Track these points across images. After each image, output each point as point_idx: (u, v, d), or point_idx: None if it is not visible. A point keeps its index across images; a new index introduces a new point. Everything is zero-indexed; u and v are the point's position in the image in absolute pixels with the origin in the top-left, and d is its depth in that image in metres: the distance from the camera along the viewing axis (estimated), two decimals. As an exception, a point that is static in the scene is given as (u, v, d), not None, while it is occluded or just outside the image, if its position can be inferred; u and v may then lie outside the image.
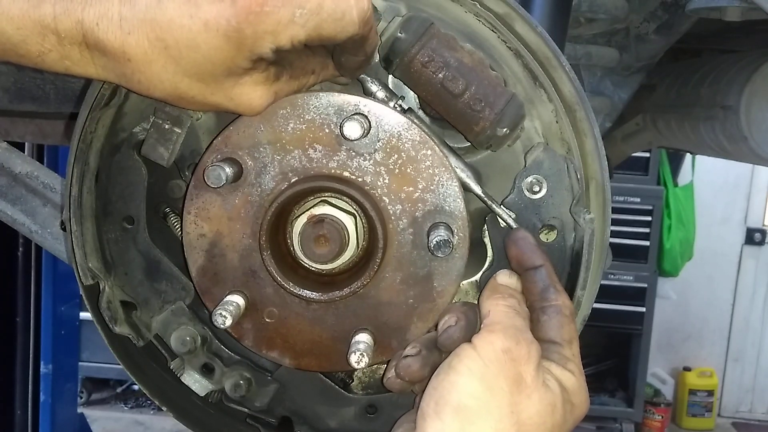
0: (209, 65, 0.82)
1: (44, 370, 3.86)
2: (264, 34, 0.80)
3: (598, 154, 0.99)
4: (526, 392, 0.85)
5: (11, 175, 1.61)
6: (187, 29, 0.79)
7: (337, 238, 0.93)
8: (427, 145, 0.93)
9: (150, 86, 0.84)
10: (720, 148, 2.06)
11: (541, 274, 0.95)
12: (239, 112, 0.91)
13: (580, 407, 0.91)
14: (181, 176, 1.04)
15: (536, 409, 0.85)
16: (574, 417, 0.90)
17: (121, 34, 0.80)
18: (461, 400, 0.83)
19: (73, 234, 1.01)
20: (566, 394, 0.89)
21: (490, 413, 0.83)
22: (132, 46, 0.80)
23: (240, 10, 0.78)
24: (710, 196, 7.05)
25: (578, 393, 0.90)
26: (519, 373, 0.85)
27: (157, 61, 0.81)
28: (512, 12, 0.96)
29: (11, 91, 1.37)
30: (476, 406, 0.83)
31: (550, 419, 0.86)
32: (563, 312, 0.93)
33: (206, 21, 0.79)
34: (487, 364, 0.84)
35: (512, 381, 0.84)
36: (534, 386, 0.85)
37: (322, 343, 0.98)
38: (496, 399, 0.83)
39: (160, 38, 0.80)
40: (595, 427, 6.64)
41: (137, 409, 6.76)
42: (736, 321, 7.38)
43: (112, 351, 1.06)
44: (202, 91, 0.85)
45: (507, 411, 0.83)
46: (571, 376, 0.90)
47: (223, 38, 0.79)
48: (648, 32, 1.89)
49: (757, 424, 7.36)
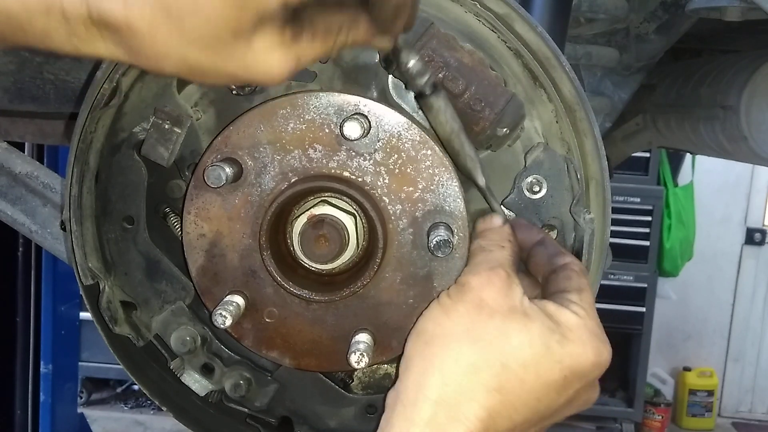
0: (213, 28, 0.77)
1: (44, 370, 3.87)
2: None
3: (598, 154, 0.99)
4: (487, 313, 0.86)
5: (11, 175, 1.61)
6: None
7: (337, 238, 0.93)
8: (427, 145, 0.93)
9: (158, 60, 0.79)
10: (720, 148, 2.06)
11: (543, 246, 0.96)
12: (259, 82, 0.88)
13: (577, 345, 0.86)
14: (181, 176, 1.04)
15: (497, 327, 0.85)
16: (566, 350, 0.85)
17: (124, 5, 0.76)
18: (422, 325, 0.88)
19: (73, 234, 1.01)
20: (551, 323, 0.86)
21: (444, 333, 0.86)
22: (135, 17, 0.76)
23: None
24: (710, 196, 7.05)
25: (576, 330, 0.87)
26: (480, 298, 0.86)
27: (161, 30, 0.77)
28: (512, 12, 0.96)
29: (11, 91, 1.36)
30: (432, 327, 0.87)
31: (518, 338, 0.84)
32: (572, 268, 0.93)
33: None
34: (450, 295, 0.89)
35: (471, 305, 0.86)
36: (498, 308, 0.86)
37: (322, 343, 0.98)
38: (451, 320, 0.86)
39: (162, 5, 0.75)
40: (595, 427, 6.64)
41: (137, 409, 6.75)
42: (736, 321, 7.38)
43: (112, 351, 1.06)
44: (213, 60, 0.80)
45: (461, 329, 0.85)
46: (571, 315, 0.87)
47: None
48: (648, 32, 1.89)
49: (757, 424, 7.36)
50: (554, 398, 0.86)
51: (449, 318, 0.87)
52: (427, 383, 0.83)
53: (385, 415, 0.86)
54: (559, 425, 0.92)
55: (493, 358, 0.83)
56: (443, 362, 0.84)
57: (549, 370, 0.84)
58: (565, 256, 0.94)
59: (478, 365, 0.83)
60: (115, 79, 0.95)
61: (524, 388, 0.83)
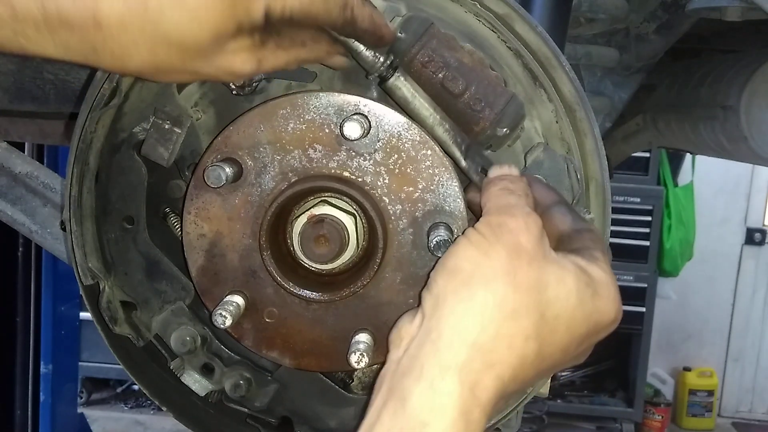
0: (195, 27, 0.76)
1: (44, 370, 3.87)
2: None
3: (598, 154, 0.99)
4: (526, 259, 0.81)
5: (11, 175, 1.62)
6: None
7: (337, 238, 0.93)
8: (427, 145, 0.93)
9: (124, 57, 0.78)
10: (720, 148, 2.06)
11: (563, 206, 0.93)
12: (219, 79, 0.87)
13: (606, 301, 0.84)
14: (181, 176, 1.04)
15: (536, 275, 0.81)
16: (596, 305, 0.84)
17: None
18: (456, 263, 0.82)
19: (73, 234, 1.01)
20: (586, 277, 0.83)
21: (484, 274, 0.80)
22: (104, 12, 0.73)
23: None
24: (710, 196, 7.05)
25: (606, 286, 0.85)
26: (518, 242, 0.81)
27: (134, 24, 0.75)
28: (512, 12, 0.96)
29: (11, 91, 1.36)
30: (470, 267, 0.81)
31: (555, 289, 0.81)
32: (594, 230, 0.91)
33: None
34: (484, 235, 0.82)
35: (510, 248, 0.81)
36: (535, 255, 0.81)
37: (322, 343, 0.98)
38: (491, 261, 0.80)
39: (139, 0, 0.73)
40: (595, 427, 6.64)
41: (137, 409, 6.76)
42: (736, 321, 7.38)
43: (112, 351, 1.06)
44: (181, 59, 0.79)
45: (502, 272, 0.80)
46: (600, 272, 0.85)
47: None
48: (648, 32, 1.89)
49: (757, 424, 7.36)
50: (575, 349, 0.85)
51: (488, 258, 0.80)
52: (466, 325, 0.78)
53: (408, 351, 0.81)
54: (559, 425, 0.91)
55: (534, 307, 0.80)
56: (485, 305, 0.79)
57: (579, 324, 0.83)
58: (584, 221, 0.92)
59: (519, 312, 0.79)
60: (115, 79, 0.95)
61: (554, 339, 0.81)
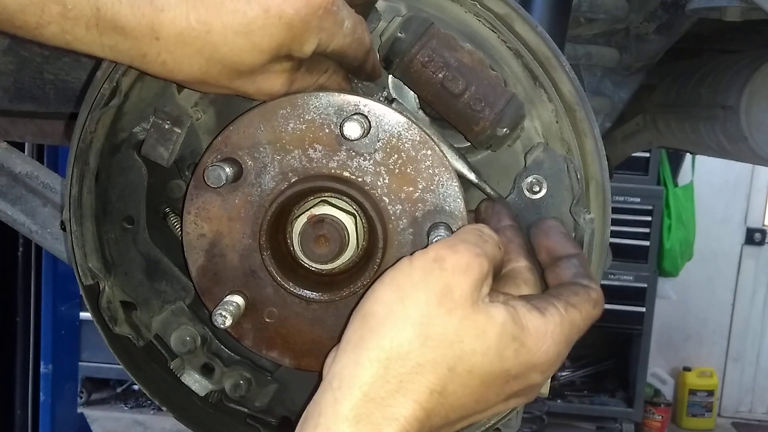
0: (255, 53, 0.79)
1: (44, 370, 3.87)
2: (321, 30, 0.80)
3: (598, 154, 0.99)
4: (448, 306, 0.75)
5: (11, 175, 1.62)
6: (242, 14, 0.76)
7: (337, 238, 0.93)
8: (427, 145, 0.93)
9: (175, 69, 0.80)
10: (720, 148, 2.06)
11: (573, 262, 0.90)
12: (255, 97, 0.90)
13: (533, 354, 0.79)
14: (181, 176, 1.04)
15: (453, 327, 0.75)
16: (519, 360, 0.78)
17: (152, 10, 0.74)
18: (370, 307, 0.78)
19: (73, 234, 1.01)
20: (515, 329, 0.77)
21: (394, 322, 0.75)
22: (165, 26, 0.75)
23: (314, 3, 0.78)
24: (710, 196, 7.05)
25: (539, 338, 0.79)
26: (447, 285, 0.76)
27: (194, 44, 0.77)
28: (512, 12, 0.96)
29: (11, 91, 1.36)
30: (383, 313, 0.76)
31: (472, 342, 0.76)
32: (589, 293, 0.85)
33: (268, 8, 0.76)
34: (410, 272, 0.77)
35: (435, 292, 0.76)
36: (462, 303, 0.76)
37: (322, 343, 0.98)
38: (406, 308, 0.76)
39: (204, 21, 0.75)
40: (595, 427, 6.64)
41: (137, 409, 6.76)
42: (736, 321, 7.38)
43: (112, 351, 1.06)
44: (230, 78, 0.82)
45: (414, 322, 0.75)
46: (540, 322, 0.79)
47: (284, 27, 0.77)
48: (648, 32, 1.89)
49: (757, 424, 7.37)
50: (495, 397, 0.81)
51: (403, 305, 0.76)
52: (365, 375, 0.75)
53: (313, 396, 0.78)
54: (559, 425, 0.90)
55: (441, 361, 0.75)
56: (389, 357, 0.75)
57: (496, 377, 0.78)
58: (590, 282, 0.87)
59: (424, 366, 0.75)
60: (115, 79, 0.94)
61: (465, 392, 0.77)
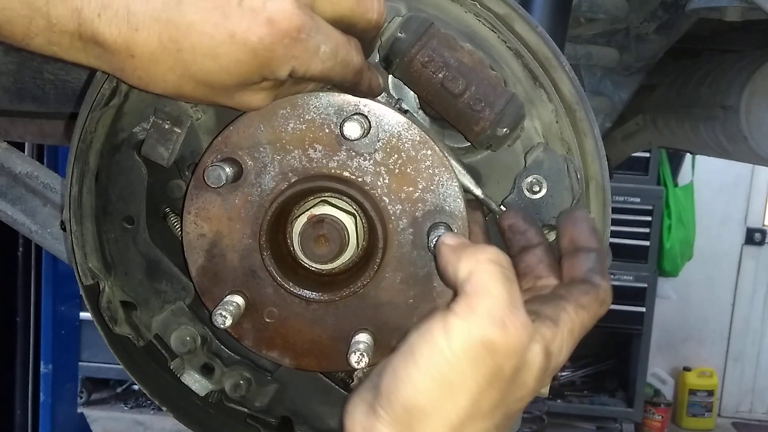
0: (224, 75, 0.80)
1: (44, 370, 3.87)
2: (291, 58, 0.79)
3: (598, 154, 0.99)
4: (499, 385, 0.73)
5: (11, 175, 1.62)
6: (209, 37, 0.76)
7: (337, 238, 0.93)
8: (427, 145, 0.93)
9: (150, 83, 0.82)
10: (720, 148, 2.06)
11: (591, 257, 0.89)
12: (238, 109, 0.91)
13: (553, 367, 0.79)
14: (181, 176, 1.04)
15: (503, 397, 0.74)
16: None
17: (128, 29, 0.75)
18: (413, 398, 0.72)
19: (73, 234, 1.01)
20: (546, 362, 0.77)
21: (443, 416, 0.72)
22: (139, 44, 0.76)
23: (276, 32, 0.77)
24: (710, 196, 7.06)
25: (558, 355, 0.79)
26: (498, 367, 0.72)
27: (166, 62, 0.78)
28: (512, 12, 0.96)
29: (11, 91, 1.36)
30: (429, 406, 0.72)
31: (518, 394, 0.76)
32: (598, 292, 0.85)
33: (233, 33, 0.76)
34: (455, 361, 0.71)
35: (485, 377, 0.72)
36: (512, 379, 0.74)
37: (322, 343, 0.98)
38: (456, 399, 0.72)
39: (175, 40, 0.76)
40: (595, 427, 6.65)
41: (137, 409, 6.76)
42: (736, 321, 7.38)
43: (112, 351, 1.06)
44: (205, 94, 0.84)
45: (467, 410, 0.72)
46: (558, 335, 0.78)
47: (249, 53, 0.77)
48: (648, 32, 1.89)
49: (757, 424, 7.37)
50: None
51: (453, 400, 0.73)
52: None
53: None
54: (559, 425, 0.90)
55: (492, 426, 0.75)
56: None
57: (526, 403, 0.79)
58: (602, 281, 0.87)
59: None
60: (115, 79, 0.95)
61: None
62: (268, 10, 0.76)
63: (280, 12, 0.76)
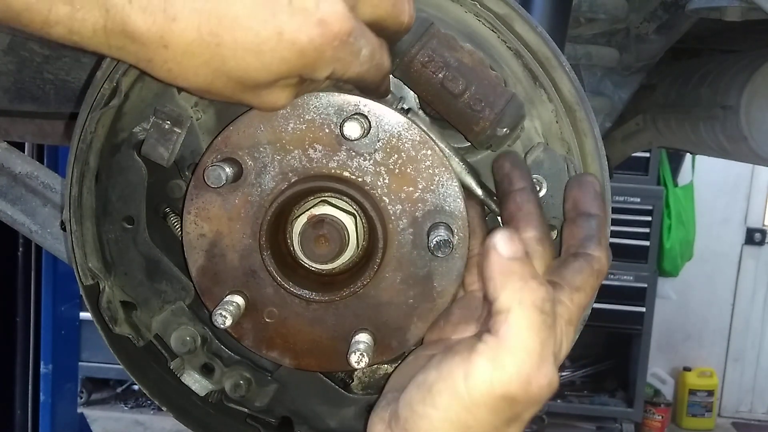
0: (263, 72, 0.78)
1: (44, 370, 3.87)
2: (335, 61, 0.78)
3: (598, 154, 0.99)
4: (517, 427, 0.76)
5: (11, 175, 1.62)
6: (254, 33, 0.74)
7: (337, 238, 0.93)
8: (427, 145, 0.93)
9: (179, 76, 0.79)
10: (720, 148, 2.06)
11: (591, 223, 0.88)
12: (258, 108, 0.90)
13: None
14: (181, 176, 1.04)
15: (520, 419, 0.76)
16: None
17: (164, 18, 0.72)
18: None
19: (73, 234, 1.01)
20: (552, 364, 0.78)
21: None
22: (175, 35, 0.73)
23: (328, 33, 0.75)
24: (710, 196, 7.06)
25: None
26: (517, 414, 0.75)
27: (202, 55, 0.75)
28: (512, 12, 0.96)
29: (11, 91, 1.36)
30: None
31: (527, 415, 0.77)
32: (593, 265, 0.84)
33: (282, 31, 0.74)
34: (474, 409, 0.73)
35: (503, 422, 0.74)
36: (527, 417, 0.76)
37: (322, 343, 0.98)
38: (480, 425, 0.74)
39: (215, 33, 0.74)
40: (595, 427, 6.65)
41: (137, 409, 6.76)
42: (736, 321, 7.38)
43: (112, 351, 1.06)
44: (234, 91, 0.81)
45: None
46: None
47: (296, 53, 0.76)
48: (648, 32, 1.89)
49: (757, 424, 7.37)
50: None
51: None
52: None
53: None
54: (559, 425, 0.90)
55: None
56: None
57: None
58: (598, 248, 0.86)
59: None
60: (115, 79, 0.94)
61: None
62: (321, 11, 0.74)
63: (333, 14, 0.75)
